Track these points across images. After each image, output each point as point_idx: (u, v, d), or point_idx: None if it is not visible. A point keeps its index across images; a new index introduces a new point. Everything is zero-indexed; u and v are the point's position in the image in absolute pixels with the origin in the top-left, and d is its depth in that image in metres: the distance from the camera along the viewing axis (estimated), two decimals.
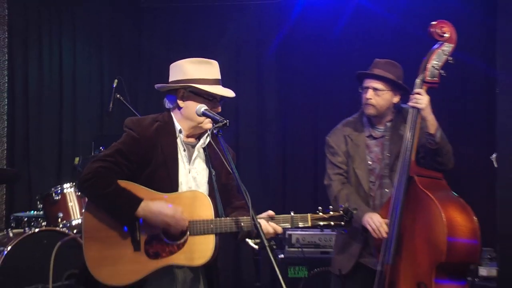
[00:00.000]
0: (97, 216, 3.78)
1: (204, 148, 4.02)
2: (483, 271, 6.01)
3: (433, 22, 4.62)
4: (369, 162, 4.86)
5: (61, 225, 6.40)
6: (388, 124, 4.89)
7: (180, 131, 3.95)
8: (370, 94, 4.79)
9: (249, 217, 3.74)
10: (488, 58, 7.35)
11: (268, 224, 3.79)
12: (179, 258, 3.76)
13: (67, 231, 6.20)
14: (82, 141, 8.07)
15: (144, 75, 8.42)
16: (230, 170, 3.70)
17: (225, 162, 3.76)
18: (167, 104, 4.05)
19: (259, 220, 3.57)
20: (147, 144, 3.86)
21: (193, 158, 3.96)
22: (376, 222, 4.56)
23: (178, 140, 3.94)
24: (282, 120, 8.48)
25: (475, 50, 7.70)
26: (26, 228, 6.36)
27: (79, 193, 6.62)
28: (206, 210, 3.79)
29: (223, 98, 3.99)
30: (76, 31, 8.30)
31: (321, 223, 3.87)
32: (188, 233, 3.76)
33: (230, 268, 8.18)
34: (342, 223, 3.88)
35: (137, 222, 3.75)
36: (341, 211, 3.89)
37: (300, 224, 3.86)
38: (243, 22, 8.51)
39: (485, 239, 5.82)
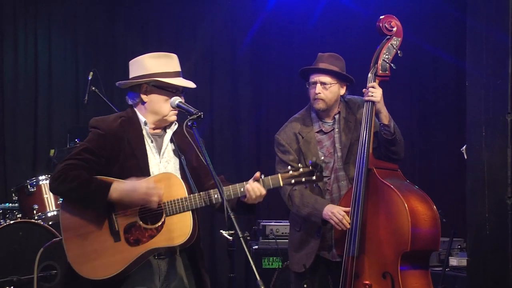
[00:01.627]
0: (73, 214, 3.81)
1: (172, 136, 4.04)
2: (453, 261, 6.11)
3: (381, 17, 4.73)
4: (321, 157, 4.86)
5: (36, 217, 6.41)
6: (336, 116, 4.91)
7: (145, 123, 3.98)
8: (318, 88, 4.80)
9: (223, 188, 3.75)
10: (459, 51, 7.45)
11: (254, 184, 3.80)
12: (160, 241, 3.78)
13: (42, 223, 6.21)
14: (58, 133, 8.06)
15: (119, 68, 8.41)
16: (205, 163, 3.71)
17: (200, 155, 3.79)
18: (129, 101, 4.08)
19: (239, 185, 3.76)
20: (113, 138, 3.89)
21: (162, 147, 3.99)
22: (337, 215, 4.58)
23: (144, 132, 3.98)
24: (256, 111, 8.55)
25: (446, 44, 7.82)
26: (1, 220, 6.37)
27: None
28: (179, 190, 3.82)
29: (184, 89, 4.03)
30: (51, 23, 8.28)
31: (293, 180, 3.85)
32: (164, 215, 3.78)
33: (205, 258, 8.23)
34: (313, 177, 3.86)
35: (113, 214, 3.78)
36: (310, 167, 3.87)
37: (272, 186, 3.85)
38: (218, 14, 8.55)
39: (455, 229, 5.96)
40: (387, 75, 4.65)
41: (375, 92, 4.60)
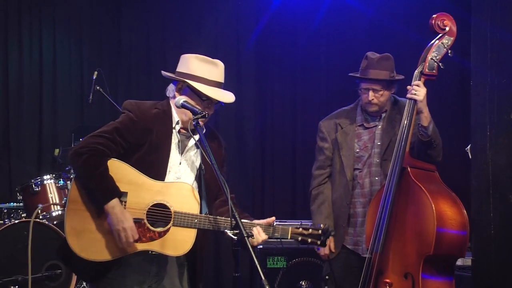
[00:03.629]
0: (83, 188, 3.81)
1: (197, 142, 4.03)
2: (458, 261, 6.08)
3: (434, 15, 4.59)
4: (356, 150, 4.94)
5: (41, 216, 6.41)
6: (383, 115, 4.96)
7: (178, 122, 3.99)
8: (371, 95, 4.84)
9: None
10: (463, 51, 7.44)
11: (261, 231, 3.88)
12: (158, 246, 3.80)
13: (47, 222, 6.21)
14: (62, 132, 8.06)
15: (123, 67, 8.42)
16: (210, 162, 3.71)
17: (205, 154, 3.80)
18: (168, 92, 4.09)
19: (250, 224, 3.80)
20: (144, 128, 3.90)
21: (186, 149, 4.01)
22: (322, 252, 4.94)
23: (174, 131, 3.99)
24: (261, 110, 8.53)
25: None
26: (6, 220, 6.37)
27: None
28: (193, 204, 3.85)
29: (220, 102, 4.01)
30: (55, 23, 8.27)
31: (300, 238, 3.92)
32: (171, 223, 3.80)
33: (209, 258, 8.23)
34: (318, 242, 3.94)
35: (124, 203, 3.78)
36: (320, 231, 3.94)
37: (279, 236, 3.93)
38: (222, 13, 8.54)
39: None
40: (433, 74, 4.53)
41: (419, 91, 4.51)
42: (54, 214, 6.50)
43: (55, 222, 6.37)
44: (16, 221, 6.11)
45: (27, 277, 5.88)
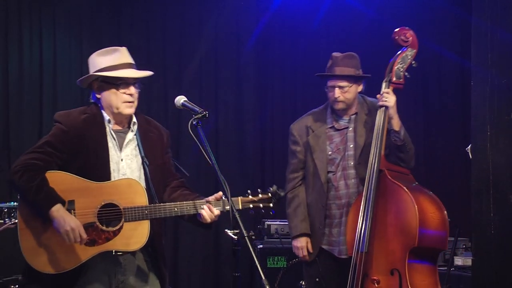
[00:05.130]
0: (30, 205, 3.84)
1: (135, 134, 4.08)
2: (458, 261, 6.11)
3: (396, 30, 4.83)
4: (329, 152, 5.02)
5: None
6: (353, 116, 5.04)
7: (109, 121, 4.02)
8: (337, 92, 4.95)
9: (184, 202, 3.90)
10: (464, 51, 7.45)
11: (208, 211, 3.90)
12: (115, 244, 3.83)
13: None
14: None
15: None
16: (210, 162, 3.68)
17: (205, 154, 3.75)
18: (91, 97, 4.13)
19: (199, 203, 3.85)
20: (76, 135, 3.93)
21: (124, 145, 4.02)
22: (299, 252, 5.07)
23: (107, 130, 4.01)
24: (261, 111, 8.53)
25: (451, 44, 7.80)
26: (6, 219, 6.37)
27: None
28: (140, 197, 3.88)
29: (138, 80, 4.06)
30: (55, 23, 8.25)
31: (251, 205, 3.99)
32: (123, 220, 3.83)
33: (209, 258, 8.23)
34: (271, 204, 4.04)
35: (72, 211, 3.79)
36: (269, 194, 4.03)
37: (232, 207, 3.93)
38: (222, 14, 8.52)
39: (460, 229, 5.96)
40: (401, 82, 4.80)
41: (389, 98, 4.74)
42: None
43: None
44: (17, 221, 6.11)
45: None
